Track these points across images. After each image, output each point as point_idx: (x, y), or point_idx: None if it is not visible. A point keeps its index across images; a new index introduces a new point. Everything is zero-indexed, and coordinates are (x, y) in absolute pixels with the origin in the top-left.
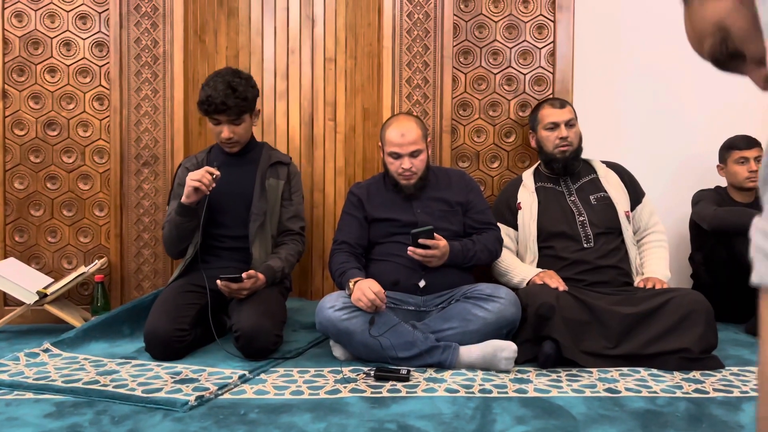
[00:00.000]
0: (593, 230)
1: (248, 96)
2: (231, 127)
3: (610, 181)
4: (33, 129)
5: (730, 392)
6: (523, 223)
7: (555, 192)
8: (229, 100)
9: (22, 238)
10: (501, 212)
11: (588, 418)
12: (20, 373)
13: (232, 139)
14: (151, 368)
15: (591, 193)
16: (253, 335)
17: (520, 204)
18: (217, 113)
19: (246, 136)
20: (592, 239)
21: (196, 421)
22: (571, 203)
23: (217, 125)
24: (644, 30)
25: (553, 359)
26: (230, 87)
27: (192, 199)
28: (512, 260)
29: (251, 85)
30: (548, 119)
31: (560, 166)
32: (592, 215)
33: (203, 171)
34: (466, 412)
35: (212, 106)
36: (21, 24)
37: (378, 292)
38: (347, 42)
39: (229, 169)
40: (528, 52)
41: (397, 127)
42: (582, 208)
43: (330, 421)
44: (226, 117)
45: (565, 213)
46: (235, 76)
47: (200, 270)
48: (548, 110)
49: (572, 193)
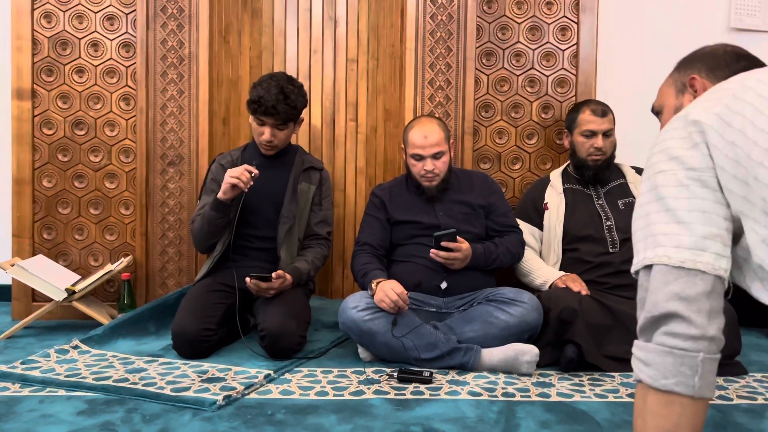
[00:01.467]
0: (620, 236)
1: (298, 105)
2: (274, 131)
3: (638, 187)
4: (61, 128)
5: (755, 399)
6: (549, 224)
7: (583, 195)
8: (280, 106)
9: (50, 235)
10: (526, 211)
11: (612, 423)
12: (51, 369)
13: (272, 143)
14: (178, 366)
15: (619, 197)
16: (279, 335)
17: (546, 204)
18: (264, 115)
19: (285, 142)
20: (618, 244)
21: (225, 420)
22: (599, 207)
23: (260, 125)
24: (668, 32)
25: (575, 363)
26: (283, 93)
27: (229, 196)
28: (536, 261)
29: (302, 94)
30: (587, 126)
31: (591, 174)
32: (620, 220)
33: (242, 168)
34: (490, 416)
35: (262, 108)
36: (50, 25)
37: (401, 294)
38: (369, 43)
39: (263, 170)
40: (551, 54)
41: (420, 128)
42: (609, 212)
43: (356, 423)
44: (273, 120)
45: (593, 217)
46: (289, 83)
47: (229, 268)
48: (588, 116)
49: (600, 197)
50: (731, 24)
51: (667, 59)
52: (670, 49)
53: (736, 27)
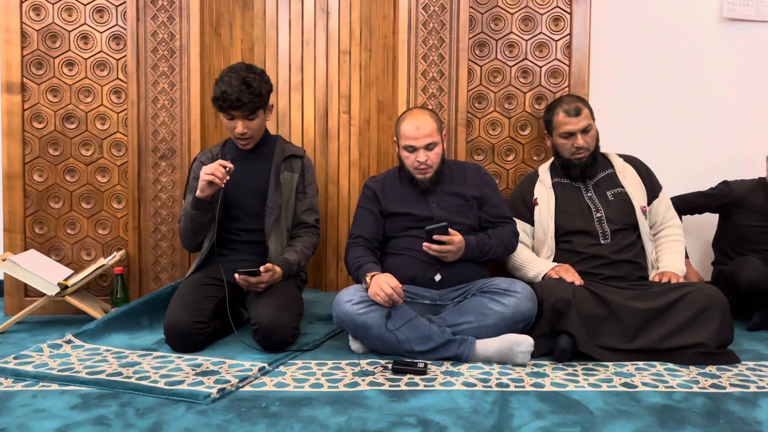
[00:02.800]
0: (610, 227)
1: (262, 92)
2: (245, 123)
3: (626, 176)
4: (51, 122)
5: (747, 387)
6: (540, 219)
7: (572, 188)
8: (244, 96)
9: (42, 230)
10: (516, 207)
11: (605, 413)
12: (45, 364)
13: (246, 135)
14: (172, 360)
15: (608, 188)
16: (272, 328)
17: (536, 200)
18: (231, 109)
19: (260, 132)
20: (609, 235)
21: (219, 413)
22: (588, 199)
23: (231, 120)
24: (661, 22)
25: (569, 353)
26: (245, 83)
27: (206, 193)
28: (527, 254)
29: (265, 80)
30: (563, 128)
31: (578, 172)
32: (609, 211)
33: (216, 164)
34: (484, 407)
35: (227, 102)
36: (39, 17)
37: (395, 287)
38: (362, 34)
39: (244, 164)
40: (544, 45)
41: (412, 120)
42: (599, 204)
43: (350, 414)
44: (241, 113)
45: (583, 210)
46: (249, 72)
47: (217, 263)
48: (563, 118)
49: (589, 189)
50: (724, 14)
51: (659, 49)
52: (662, 39)
53: (728, 17)
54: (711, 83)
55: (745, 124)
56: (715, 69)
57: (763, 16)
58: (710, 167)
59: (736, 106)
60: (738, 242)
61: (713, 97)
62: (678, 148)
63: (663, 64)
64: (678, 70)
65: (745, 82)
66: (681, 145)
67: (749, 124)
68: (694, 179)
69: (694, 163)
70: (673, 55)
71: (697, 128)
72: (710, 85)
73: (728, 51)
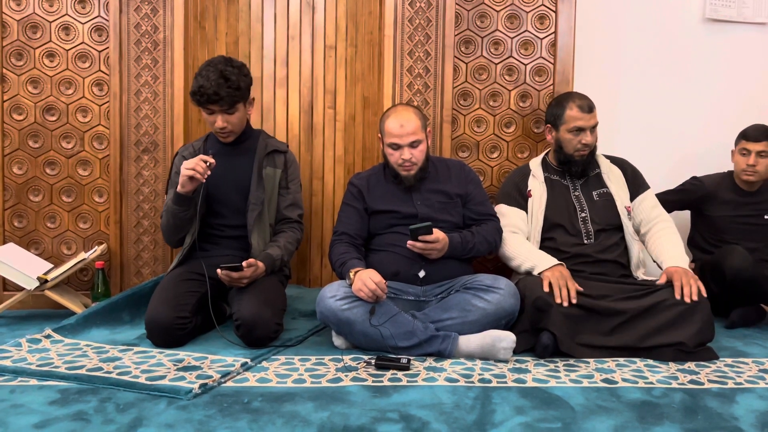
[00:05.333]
0: (594, 227)
1: (241, 85)
2: (225, 117)
3: (611, 178)
4: (32, 114)
5: (725, 383)
6: (532, 211)
7: (561, 186)
8: (222, 90)
9: (21, 223)
10: (511, 196)
11: (586, 409)
12: (23, 359)
13: (226, 129)
14: (154, 355)
15: (594, 188)
16: (254, 324)
17: (530, 191)
18: (210, 103)
19: (240, 126)
20: (593, 235)
21: (200, 409)
22: (575, 198)
23: (210, 115)
24: (645, 22)
25: (551, 349)
26: (222, 76)
27: (187, 188)
28: (525, 245)
29: (244, 73)
30: (575, 123)
31: (578, 168)
32: (594, 212)
33: (197, 159)
34: (466, 402)
35: (204, 97)
36: (19, 7)
37: (379, 283)
38: (348, 30)
39: (226, 158)
40: (529, 42)
41: (396, 117)
42: (585, 204)
43: (332, 410)
44: (219, 107)
45: (568, 208)
46: (228, 65)
47: (199, 259)
48: (576, 113)
49: (577, 188)
50: (706, 14)
51: (643, 48)
52: (646, 39)
53: (711, 18)
54: (693, 83)
55: (725, 123)
56: (697, 69)
57: (744, 17)
58: (691, 165)
59: (717, 105)
60: (713, 235)
61: (695, 96)
62: (659, 146)
63: (646, 64)
64: (661, 70)
65: (727, 81)
66: (663, 143)
67: (730, 123)
68: (675, 177)
69: (675, 160)
70: (656, 55)
71: (678, 127)
72: (692, 85)
73: (710, 51)
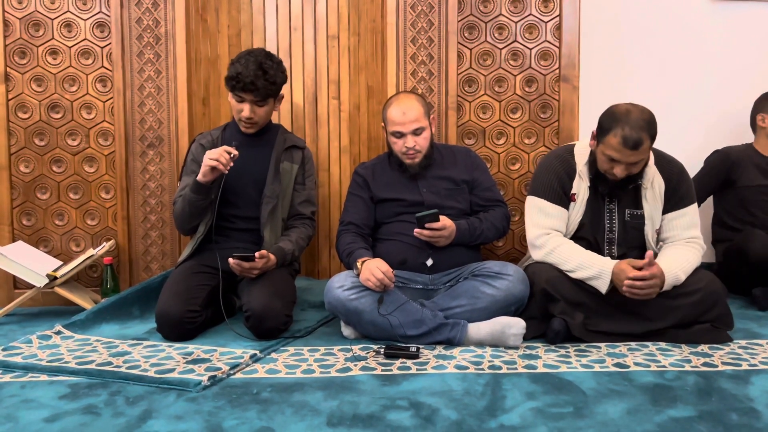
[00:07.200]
0: (617, 250)
1: (277, 80)
2: (253, 108)
3: (650, 194)
4: (36, 112)
5: (739, 365)
6: (570, 216)
7: (596, 194)
8: (259, 81)
9: (30, 221)
10: (555, 191)
11: (598, 393)
12: (34, 355)
13: (252, 120)
14: (163, 349)
15: (628, 206)
16: (264, 316)
17: (574, 195)
18: (243, 91)
19: (266, 119)
20: (616, 255)
21: (209, 400)
22: (607, 213)
23: (239, 102)
24: (652, 2)
25: (562, 335)
26: (261, 68)
27: (209, 178)
28: (578, 250)
29: (281, 70)
30: (610, 153)
31: (606, 189)
32: (622, 234)
33: (221, 150)
34: (476, 389)
35: (240, 84)
36: (21, 6)
37: (386, 272)
38: (350, 19)
39: (244, 150)
40: (534, 26)
41: (398, 105)
42: (615, 223)
43: (342, 399)
44: (252, 97)
45: (600, 223)
46: (268, 59)
47: (212, 250)
48: (616, 144)
49: (613, 201)
50: None
51: (649, 29)
52: (652, 20)
53: None
54: (701, 63)
55: (734, 102)
56: (704, 48)
57: None
58: (701, 145)
59: (726, 84)
60: (739, 208)
61: (703, 76)
62: (669, 127)
63: (653, 45)
64: (668, 50)
65: (735, 61)
66: (671, 125)
67: (739, 102)
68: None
69: (683, 142)
70: (663, 36)
71: (687, 107)
72: (700, 65)
73: (718, 30)
